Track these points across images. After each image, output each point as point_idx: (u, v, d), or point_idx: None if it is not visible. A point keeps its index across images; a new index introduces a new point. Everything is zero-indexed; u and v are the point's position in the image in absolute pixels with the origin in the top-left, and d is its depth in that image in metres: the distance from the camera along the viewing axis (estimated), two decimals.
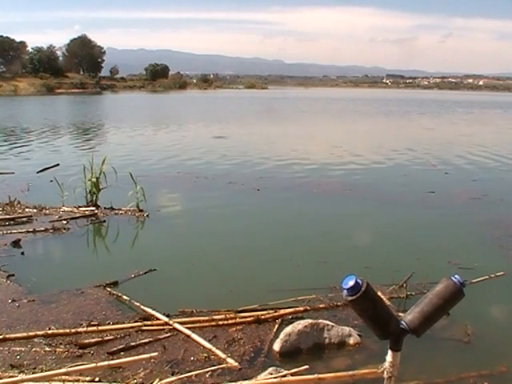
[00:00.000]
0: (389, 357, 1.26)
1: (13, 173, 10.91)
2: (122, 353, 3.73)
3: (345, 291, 1.17)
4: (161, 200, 8.89)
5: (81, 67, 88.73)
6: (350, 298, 1.16)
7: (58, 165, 11.77)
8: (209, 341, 3.89)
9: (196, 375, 3.37)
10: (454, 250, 6.40)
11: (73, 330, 4.02)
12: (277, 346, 3.84)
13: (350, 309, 1.22)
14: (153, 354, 3.44)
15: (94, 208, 7.94)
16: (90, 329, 4.06)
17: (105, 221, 7.48)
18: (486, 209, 8.69)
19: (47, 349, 3.75)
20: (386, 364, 1.26)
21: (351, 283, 1.16)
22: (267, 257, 6.18)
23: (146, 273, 5.38)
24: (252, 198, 9.29)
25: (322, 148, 17.08)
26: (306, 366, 3.38)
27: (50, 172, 10.75)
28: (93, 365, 3.13)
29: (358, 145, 18.28)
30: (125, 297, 4.69)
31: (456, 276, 1.24)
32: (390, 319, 1.20)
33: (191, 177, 11.02)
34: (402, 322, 1.22)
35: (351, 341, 3.95)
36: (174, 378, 3.28)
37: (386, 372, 1.27)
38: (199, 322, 4.22)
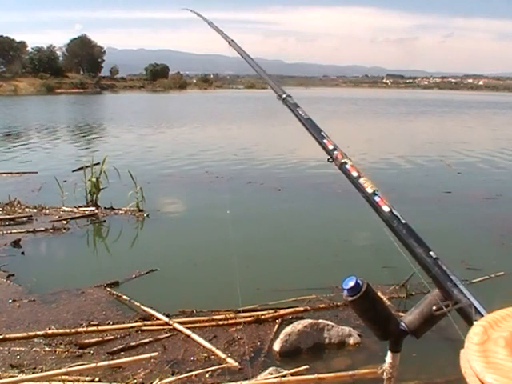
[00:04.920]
0: (388, 358, 1.26)
1: (36, 172, 10.84)
2: (122, 353, 3.73)
3: (345, 291, 1.17)
4: (164, 200, 8.88)
5: (81, 67, 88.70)
6: (350, 299, 1.16)
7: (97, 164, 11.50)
8: (209, 341, 3.89)
9: (196, 375, 3.37)
10: (458, 250, 6.37)
11: (73, 330, 4.02)
12: (277, 346, 3.84)
13: (350, 309, 1.22)
14: (153, 354, 3.45)
15: (94, 208, 7.94)
16: (90, 329, 4.06)
17: (105, 221, 7.48)
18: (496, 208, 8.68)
19: (47, 349, 3.75)
20: (386, 365, 1.26)
21: (351, 284, 1.16)
22: (268, 256, 6.18)
23: (147, 273, 5.38)
24: (264, 198, 9.22)
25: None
26: (306, 366, 3.38)
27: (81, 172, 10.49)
28: (93, 365, 3.14)
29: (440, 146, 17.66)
30: (125, 297, 4.69)
31: None
32: (389, 320, 1.20)
33: (210, 176, 10.83)
34: (402, 323, 1.22)
35: (351, 341, 3.95)
36: (173, 378, 3.28)
37: (385, 373, 1.26)
38: (199, 322, 4.23)
